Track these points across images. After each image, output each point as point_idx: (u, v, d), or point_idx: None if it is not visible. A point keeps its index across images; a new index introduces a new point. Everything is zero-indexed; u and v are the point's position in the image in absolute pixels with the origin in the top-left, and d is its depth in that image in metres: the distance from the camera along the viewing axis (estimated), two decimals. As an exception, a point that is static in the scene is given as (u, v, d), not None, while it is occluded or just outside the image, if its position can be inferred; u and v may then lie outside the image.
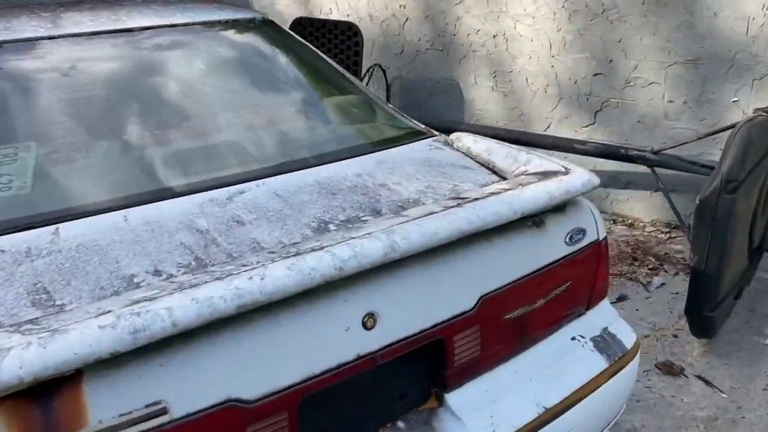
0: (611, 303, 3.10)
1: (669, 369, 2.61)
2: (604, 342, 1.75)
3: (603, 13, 3.79)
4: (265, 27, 2.42)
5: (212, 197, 1.59)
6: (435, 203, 1.54)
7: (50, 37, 1.96)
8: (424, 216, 1.40)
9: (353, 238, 1.29)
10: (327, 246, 1.25)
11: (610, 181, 4.04)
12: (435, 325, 1.41)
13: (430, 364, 1.49)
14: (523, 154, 1.85)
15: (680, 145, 3.43)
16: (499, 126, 4.41)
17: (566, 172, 1.68)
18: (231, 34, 2.29)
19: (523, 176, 1.73)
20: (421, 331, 1.39)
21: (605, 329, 1.79)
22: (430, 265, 1.42)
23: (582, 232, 1.70)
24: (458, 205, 1.46)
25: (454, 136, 2.06)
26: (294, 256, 1.22)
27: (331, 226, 1.49)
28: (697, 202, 2.45)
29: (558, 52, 4.05)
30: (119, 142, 1.72)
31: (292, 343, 1.23)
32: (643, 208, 3.96)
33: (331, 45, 4.66)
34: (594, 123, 4.01)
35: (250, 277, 1.15)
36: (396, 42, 5.01)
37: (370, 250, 1.26)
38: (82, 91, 1.81)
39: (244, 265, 1.21)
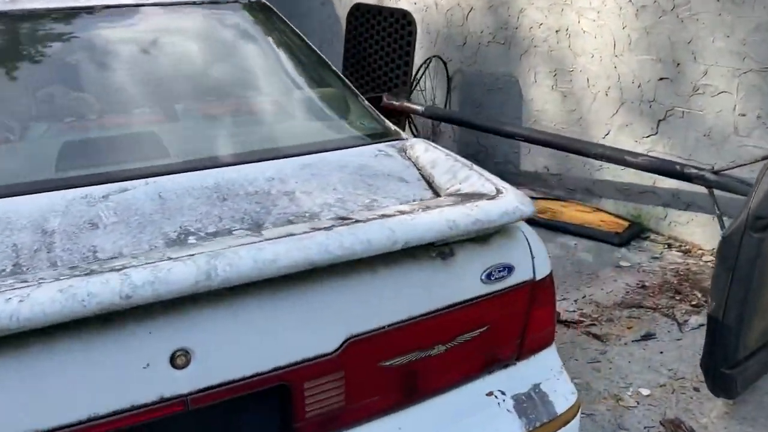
0: (635, 341, 2.76)
1: (676, 428, 2.23)
2: (529, 402, 1.47)
3: (673, 9, 3.34)
4: (247, 9, 2.26)
5: (88, 194, 1.45)
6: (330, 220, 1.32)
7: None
8: (278, 238, 1.19)
9: (172, 258, 1.11)
10: (128, 267, 1.07)
11: (669, 200, 3.59)
12: (276, 369, 1.20)
13: (281, 413, 1.27)
14: (465, 170, 1.58)
15: (744, 165, 2.95)
16: (546, 130, 4.04)
17: (493, 196, 1.40)
18: (199, 15, 2.15)
19: (446, 197, 1.47)
20: (256, 375, 1.18)
21: (536, 386, 1.50)
22: (279, 296, 1.20)
23: (507, 268, 1.42)
24: (329, 227, 1.23)
25: (410, 142, 1.82)
26: (84, 275, 1.05)
27: (191, 239, 1.31)
28: (720, 238, 2.06)
29: (622, 51, 3.63)
30: (20, 126, 1.61)
31: (66, 377, 1.06)
32: (704, 233, 3.48)
33: (385, 33, 4.46)
34: (656, 133, 3.56)
35: (8, 299, 0.99)
36: (459, 33, 4.72)
37: (177, 277, 1.06)
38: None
39: (24, 281, 1.05)
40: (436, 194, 1.57)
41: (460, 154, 5.25)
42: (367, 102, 2.10)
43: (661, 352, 2.65)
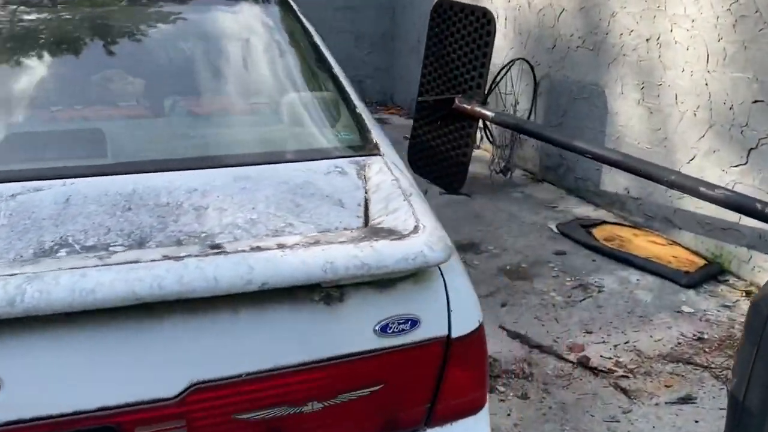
0: (670, 402, 2.39)
1: None
2: (429, 479, 1.26)
3: (776, 21, 2.87)
4: (257, 4, 2.16)
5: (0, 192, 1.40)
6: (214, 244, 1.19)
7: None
8: (119, 264, 1.07)
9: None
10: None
11: (756, 241, 3.12)
12: (103, 409, 1.08)
13: None
14: (398, 201, 1.38)
15: (836, 212, 2.48)
16: (623, 150, 3.64)
17: (403, 236, 1.20)
18: (192, 7, 2.07)
19: (369, 228, 1.29)
20: (77, 413, 1.07)
21: (445, 460, 1.29)
22: (111, 328, 1.08)
23: (410, 322, 1.22)
24: (179, 258, 1.10)
25: (369, 160, 1.64)
26: None
27: (63, 251, 1.22)
28: (750, 304, 1.71)
29: (715, 66, 3.18)
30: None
31: None
32: (792, 284, 2.98)
33: (465, 32, 4.22)
34: (746, 164, 3.10)
35: None
36: (549, 35, 4.38)
37: None
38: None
39: None
40: (366, 224, 1.39)
41: (540, 166, 4.90)
42: (361, 109, 1.93)
43: (697, 421, 2.28)
